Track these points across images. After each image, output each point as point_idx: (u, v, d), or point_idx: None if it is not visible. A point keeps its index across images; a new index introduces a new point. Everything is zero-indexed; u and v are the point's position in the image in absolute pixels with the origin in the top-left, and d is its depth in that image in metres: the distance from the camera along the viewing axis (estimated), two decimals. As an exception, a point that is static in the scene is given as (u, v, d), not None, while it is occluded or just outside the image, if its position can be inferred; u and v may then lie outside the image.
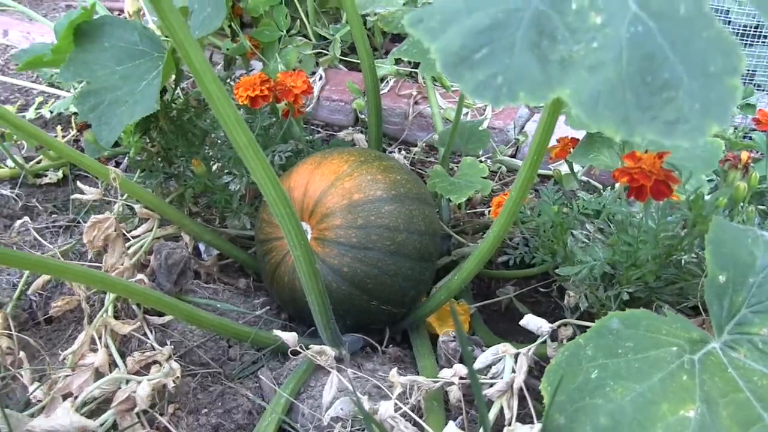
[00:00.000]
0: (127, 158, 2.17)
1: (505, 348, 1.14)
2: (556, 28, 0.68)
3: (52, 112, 2.47)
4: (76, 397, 1.18)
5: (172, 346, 1.37)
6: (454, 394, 1.22)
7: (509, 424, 1.06)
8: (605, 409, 0.88)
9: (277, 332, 1.30)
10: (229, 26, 2.11)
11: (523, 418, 1.12)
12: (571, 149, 1.55)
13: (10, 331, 1.39)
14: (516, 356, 1.17)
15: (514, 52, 0.67)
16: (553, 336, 1.23)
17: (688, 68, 0.63)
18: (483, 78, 0.66)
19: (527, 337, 1.25)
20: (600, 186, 1.90)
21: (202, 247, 1.85)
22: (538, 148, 1.06)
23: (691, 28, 0.64)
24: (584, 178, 1.91)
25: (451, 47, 0.68)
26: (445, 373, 1.23)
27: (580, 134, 1.58)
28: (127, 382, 1.22)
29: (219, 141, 1.73)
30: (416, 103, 2.41)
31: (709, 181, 1.40)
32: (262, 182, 1.11)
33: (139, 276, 1.48)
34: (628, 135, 0.62)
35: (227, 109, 1.01)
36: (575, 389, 0.92)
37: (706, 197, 1.15)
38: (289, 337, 1.28)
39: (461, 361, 1.34)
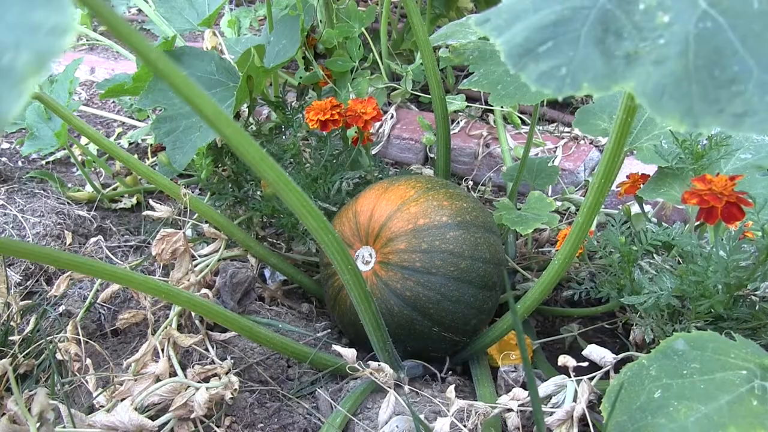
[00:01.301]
0: (198, 189, 2.23)
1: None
2: (622, 26, 0.68)
3: (130, 143, 2.57)
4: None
5: (232, 361, 1.38)
6: (513, 421, 1.19)
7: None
8: (668, 429, 0.85)
9: (337, 347, 1.30)
10: (303, 57, 2.17)
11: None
12: (641, 185, 1.52)
13: (79, 338, 1.42)
14: (578, 383, 1.14)
15: (578, 46, 0.67)
16: (617, 370, 1.19)
17: (759, 61, 0.62)
18: (546, 69, 0.66)
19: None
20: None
21: (267, 273, 1.87)
22: (610, 160, 1.04)
23: (765, 23, 0.63)
24: (654, 219, 1.87)
25: (516, 39, 0.68)
26: (504, 399, 1.20)
27: (651, 170, 1.55)
28: (186, 388, 1.23)
29: (287, 167, 1.76)
30: (486, 145, 2.41)
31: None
32: (300, 213, 1.06)
33: (204, 291, 1.50)
34: (692, 126, 0.61)
35: (248, 146, 0.91)
36: (637, 409, 0.89)
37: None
38: (348, 354, 1.28)
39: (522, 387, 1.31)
